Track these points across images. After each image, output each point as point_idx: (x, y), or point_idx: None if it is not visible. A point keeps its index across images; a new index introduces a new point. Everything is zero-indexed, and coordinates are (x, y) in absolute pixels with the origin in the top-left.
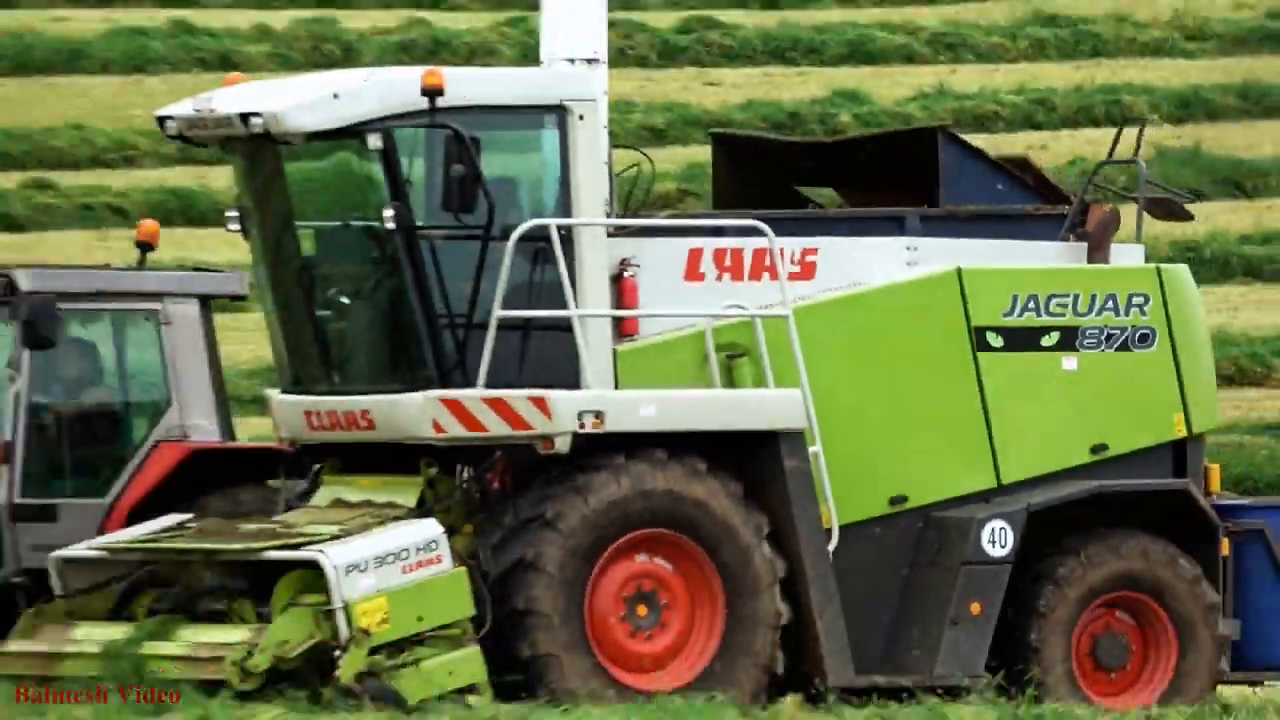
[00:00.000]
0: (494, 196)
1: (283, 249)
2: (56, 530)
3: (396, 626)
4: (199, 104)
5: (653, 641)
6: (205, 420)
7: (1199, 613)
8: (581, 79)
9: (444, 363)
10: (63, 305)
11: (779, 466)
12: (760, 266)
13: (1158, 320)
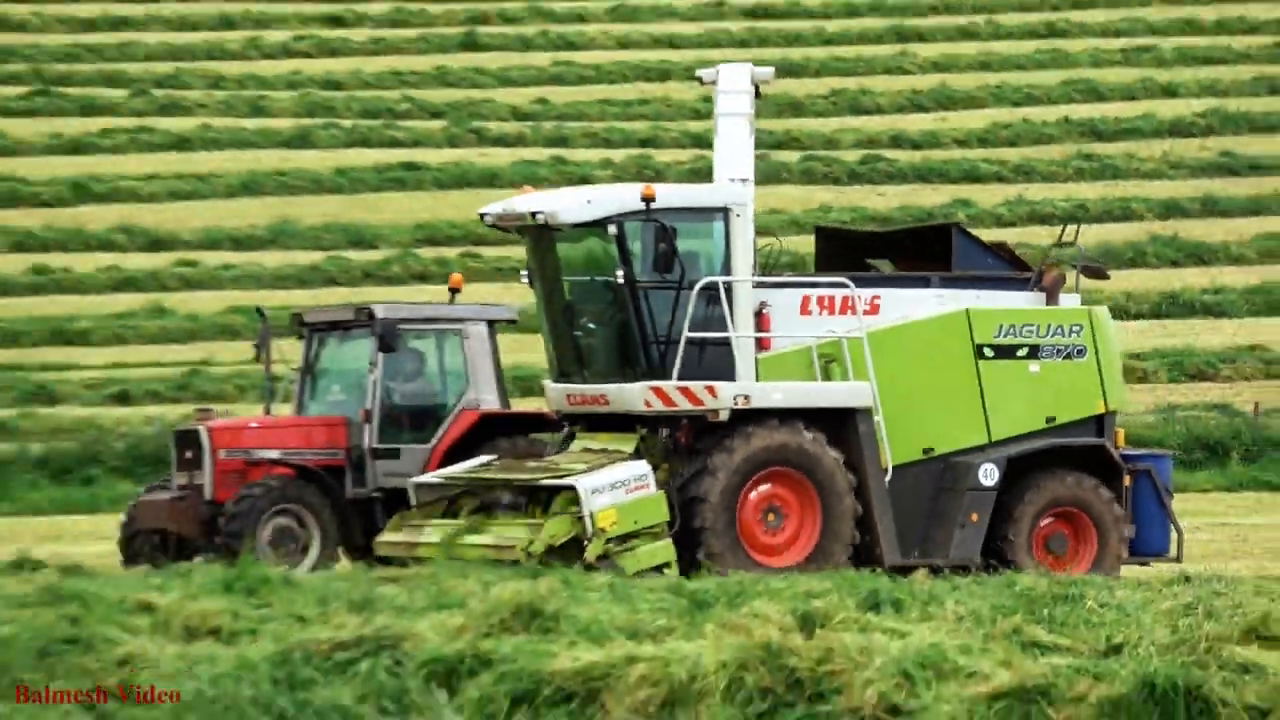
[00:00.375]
0: (684, 263)
1: (554, 294)
2: (398, 464)
3: (621, 526)
4: (506, 205)
5: (778, 536)
6: (490, 397)
7: (1111, 521)
8: (738, 191)
9: (652, 365)
10: (403, 327)
11: (855, 429)
12: (845, 306)
13: (1088, 341)
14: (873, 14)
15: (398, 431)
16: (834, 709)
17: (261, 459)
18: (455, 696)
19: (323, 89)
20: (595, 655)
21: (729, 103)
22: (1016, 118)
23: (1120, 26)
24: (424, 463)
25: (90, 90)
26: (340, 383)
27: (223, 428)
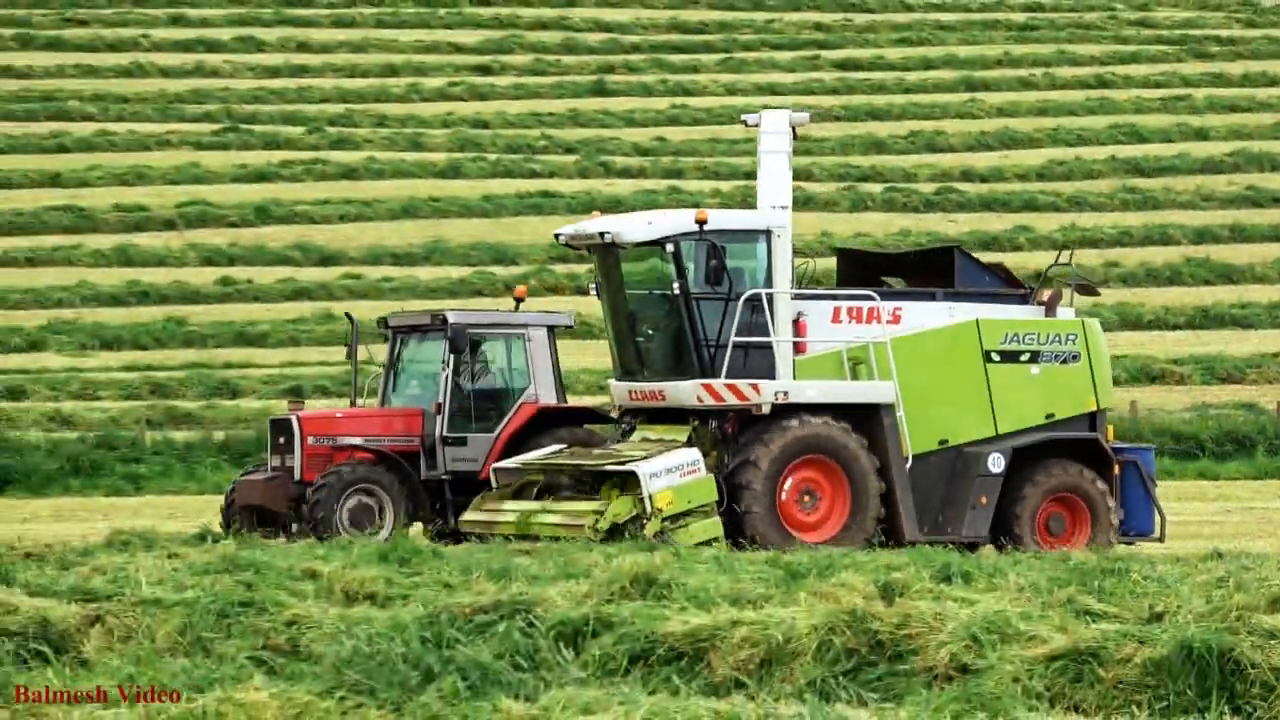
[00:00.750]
0: (731, 277)
1: (618, 304)
2: (466, 451)
3: (676, 506)
4: (577, 227)
5: (813, 514)
6: (548, 392)
7: (1103, 505)
8: (779, 215)
9: (703, 365)
10: (471, 331)
11: (880, 422)
12: (871, 316)
13: (1081, 348)
14: (946, 67)
15: (466, 422)
16: (911, 668)
17: (345, 444)
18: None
19: (472, 127)
20: (702, 619)
21: (770, 142)
22: (1070, 156)
23: (1159, 79)
24: (489, 450)
25: (273, 127)
26: (418, 379)
27: (311, 417)
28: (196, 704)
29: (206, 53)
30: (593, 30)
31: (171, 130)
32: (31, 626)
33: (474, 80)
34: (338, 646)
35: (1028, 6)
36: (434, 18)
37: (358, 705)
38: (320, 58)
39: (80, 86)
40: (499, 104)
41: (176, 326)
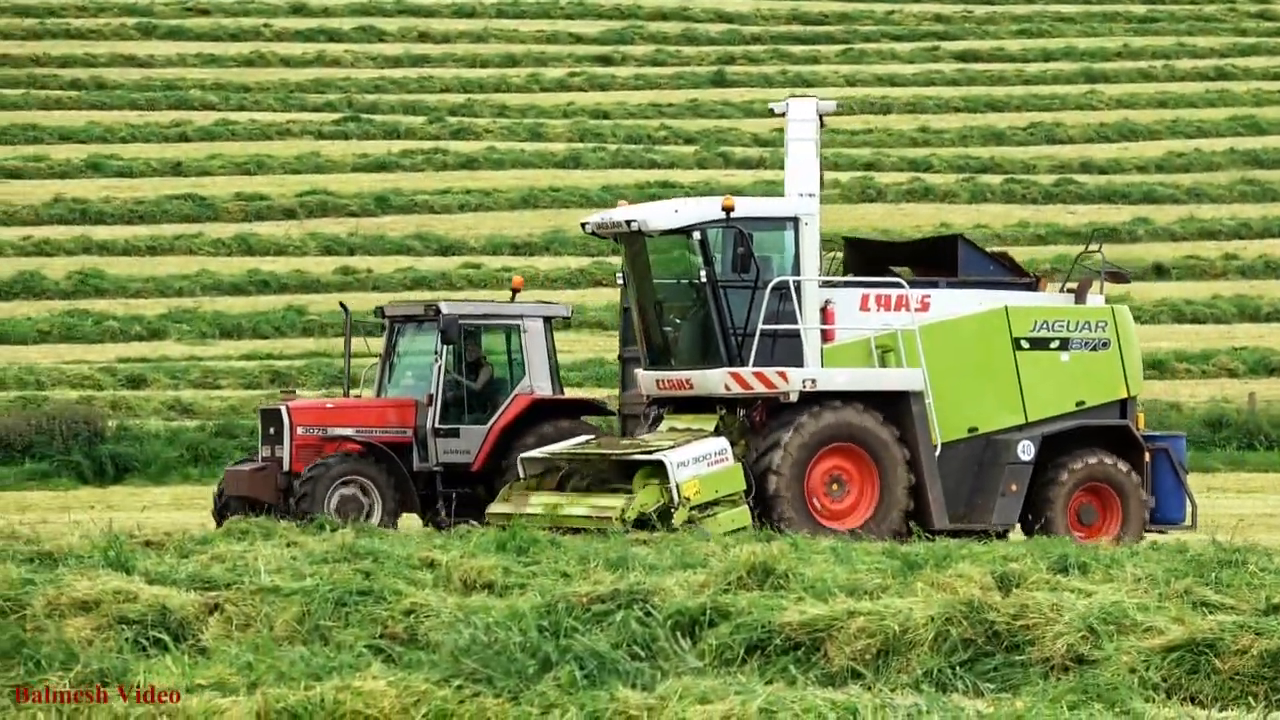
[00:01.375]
0: (759, 264)
1: (646, 293)
2: (458, 443)
3: (704, 495)
4: (604, 215)
5: (841, 502)
6: (543, 384)
7: (1133, 493)
8: (806, 203)
9: (731, 353)
10: (464, 322)
11: (909, 409)
12: (900, 304)
13: (1111, 335)
14: (1065, 58)
15: (458, 414)
16: (1028, 658)
17: (336, 435)
18: (697, 644)
19: (592, 118)
20: (820, 609)
21: (798, 130)
22: (1189, 148)
23: (1279, 71)
24: (481, 442)
25: (393, 117)
26: (412, 369)
27: (301, 407)
28: (315, 692)
29: (328, 42)
30: (713, 21)
31: (292, 120)
32: (151, 614)
33: (594, 70)
34: (455, 635)
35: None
36: (555, 8)
37: (475, 694)
38: (441, 48)
39: (202, 76)
40: (619, 94)
41: (296, 315)
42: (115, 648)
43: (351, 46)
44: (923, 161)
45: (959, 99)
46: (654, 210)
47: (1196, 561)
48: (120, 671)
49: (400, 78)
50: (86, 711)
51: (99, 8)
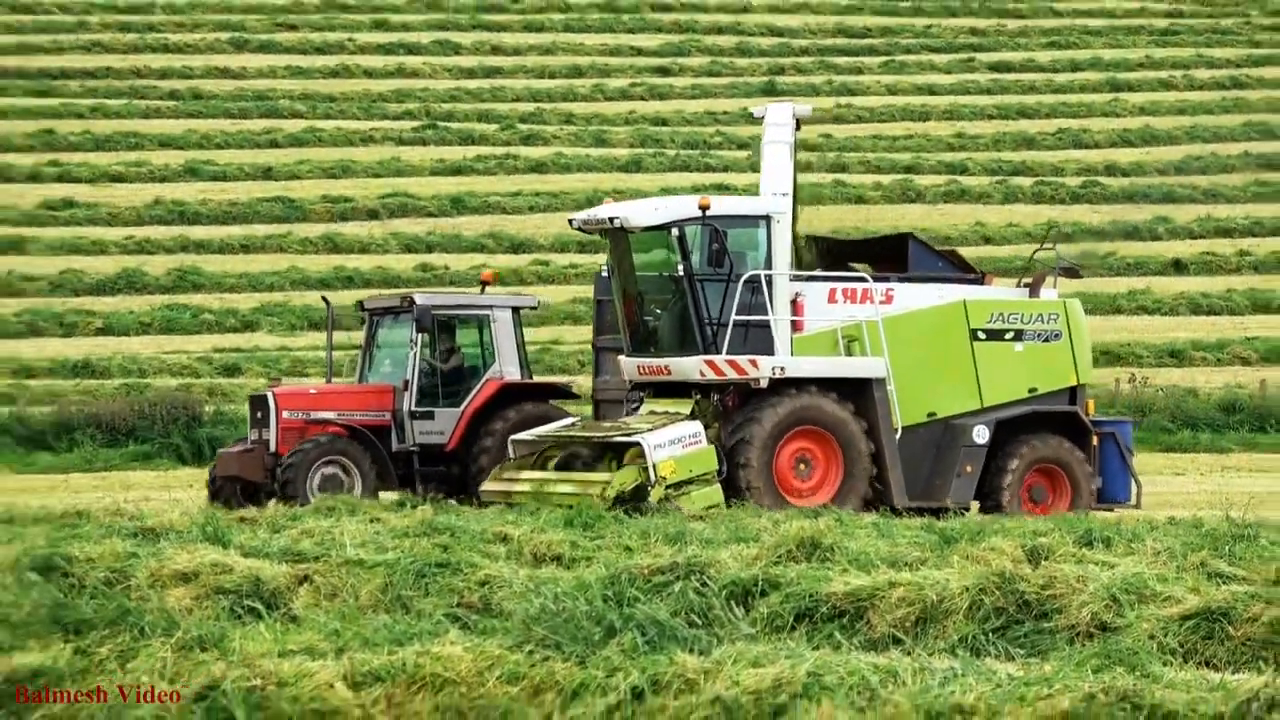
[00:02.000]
0: (732, 259)
1: (628, 285)
2: (433, 425)
3: (679, 474)
4: (590, 213)
5: (807, 481)
6: (513, 369)
7: (1082, 474)
8: (779, 201)
9: (706, 342)
10: (436, 312)
11: (871, 395)
12: (865, 297)
13: (1063, 326)
14: (1091, 69)
15: (433, 398)
16: (1055, 626)
17: (319, 419)
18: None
19: (652, 125)
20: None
21: (774, 133)
22: (1206, 152)
23: None
24: (454, 424)
25: (468, 124)
26: (390, 357)
27: (286, 393)
28: (397, 656)
29: (407, 55)
30: (764, 34)
31: (375, 127)
32: (245, 585)
33: (654, 81)
34: (527, 604)
35: (1168, 13)
36: (617, 22)
37: (545, 658)
38: (512, 60)
39: (291, 87)
40: (677, 103)
41: None
42: (213, 616)
43: (429, 59)
44: (959, 165)
45: (993, 107)
46: (636, 208)
47: (1211, 536)
48: (217, 638)
49: (474, 88)
50: (188, 672)
51: (195, 24)
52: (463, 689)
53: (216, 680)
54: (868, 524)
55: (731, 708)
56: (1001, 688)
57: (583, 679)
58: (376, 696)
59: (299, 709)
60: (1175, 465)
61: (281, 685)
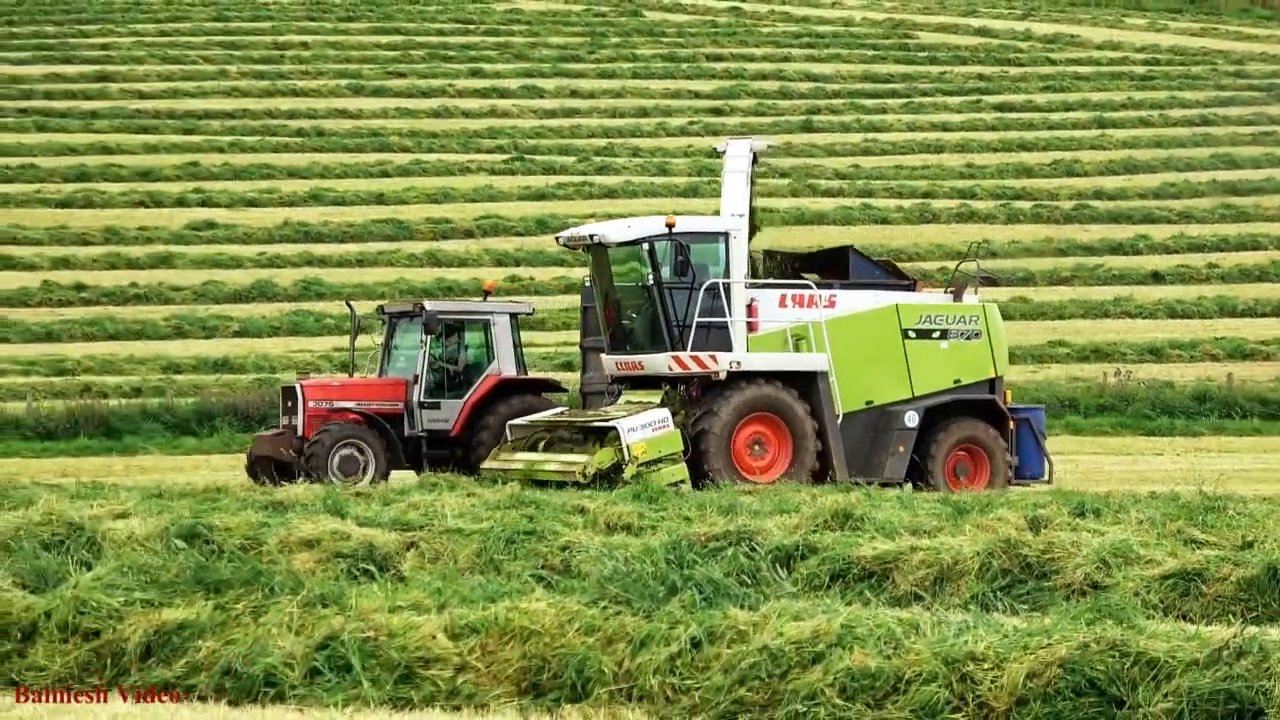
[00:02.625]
0: (695, 270)
1: (607, 294)
2: (439, 414)
3: (649, 454)
4: (572, 231)
5: (761, 460)
6: (509, 368)
7: (999, 454)
8: (736, 221)
9: (673, 341)
10: (442, 317)
11: (816, 386)
12: (810, 301)
13: (983, 327)
14: (1081, 109)
15: (439, 390)
16: (1053, 585)
17: (340, 408)
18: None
19: (706, 157)
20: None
21: (734, 163)
22: (1180, 180)
23: (1251, 119)
24: (458, 413)
25: (550, 157)
26: (405, 355)
27: (313, 384)
28: (490, 611)
29: (499, 99)
30: (802, 80)
31: (471, 160)
32: (361, 550)
33: (708, 120)
34: (601, 566)
35: (1146, 61)
36: (677, 70)
37: (616, 613)
38: (588, 102)
39: (399, 125)
40: (728, 138)
41: None
42: (333, 576)
43: (518, 102)
44: (969, 191)
45: (997, 141)
46: (612, 227)
47: (1187, 507)
48: (337, 595)
49: (556, 126)
50: (312, 624)
51: (319, 72)
52: (546, 639)
53: (336, 632)
54: (891, 498)
55: (776, 655)
56: (1008, 638)
57: (649, 630)
58: (472, 646)
59: (406, 656)
60: (1155, 447)
61: (391, 636)
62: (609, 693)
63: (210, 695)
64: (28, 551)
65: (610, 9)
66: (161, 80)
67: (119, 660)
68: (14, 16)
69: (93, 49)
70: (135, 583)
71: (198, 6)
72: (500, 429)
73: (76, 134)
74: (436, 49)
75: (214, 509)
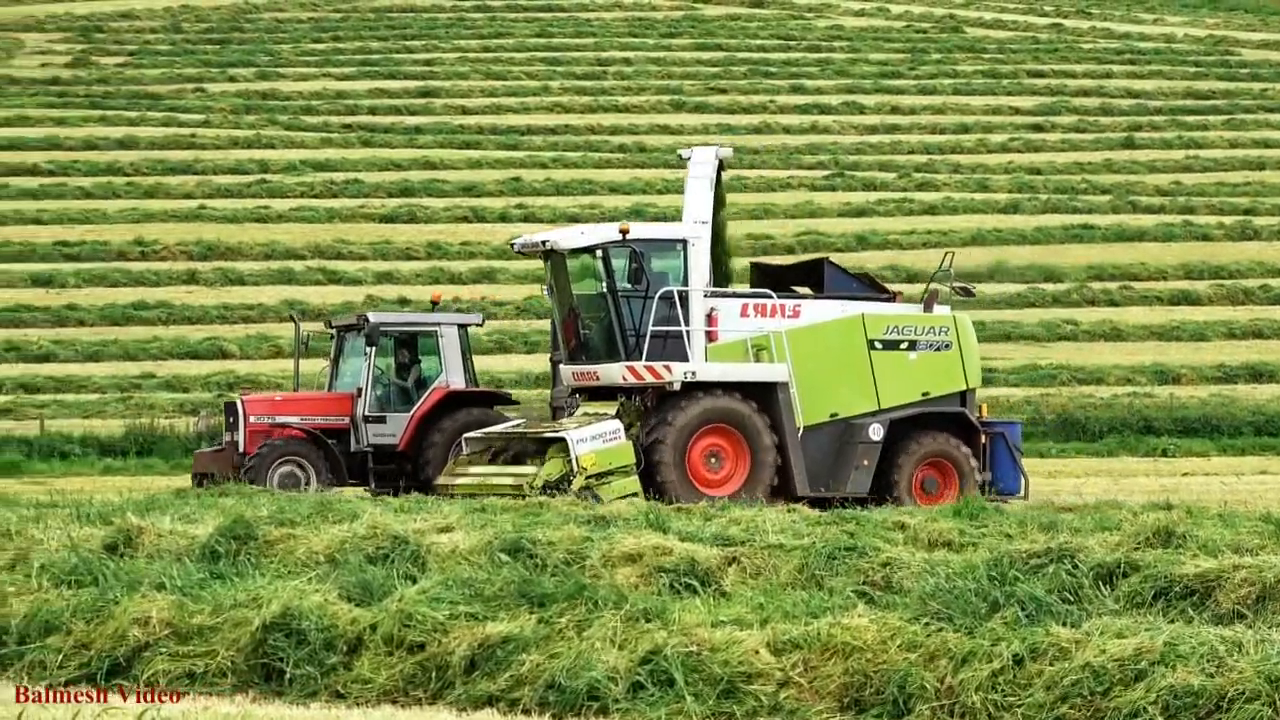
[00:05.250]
0: (650, 278)
1: (565, 302)
2: (385, 428)
3: (600, 466)
4: (527, 237)
5: (717, 473)
6: (458, 379)
7: (969, 468)
8: (697, 228)
9: (628, 350)
10: (385, 329)
11: (775, 397)
12: (775, 311)
13: (954, 338)
14: None
15: (385, 404)
16: None
17: (283, 423)
18: (1113, 591)
19: (1027, 173)
20: (1210, 564)
21: (697, 170)
22: None
23: None
24: (404, 426)
25: (870, 173)
26: (351, 368)
27: (254, 400)
28: (812, 627)
29: (819, 115)
30: (1123, 96)
31: (791, 175)
32: (683, 565)
33: (1029, 136)
34: (923, 583)
35: None
36: (998, 86)
37: (938, 629)
38: (908, 118)
39: (720, 141)
40: (1049, 155)
41: None
42: (655, 591)
43: (838, 118)
44: None
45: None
46: (565, 233)
47: None
48: (660, 610)
49: (876, 142)
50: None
51: (640, 88)
52: (868, 655)
53: (659, 646)
54: (1214, 515)
55: (1099, 672)
56: None
57: (971, 647)
58: (794, 661)
59: (729, 671)
60: None
61: (714, 651)
62: (931, 709)
63: (534, 709)
64: (354, 565)
65: (931, 25)
66: (485, 96)
67: (443, 673)
68: (340, 33)
69: (417, 64)
70: (460, 596)
71: (521, 23)
72: (449, 443)
73: (400, 149)
74: (757, 65)
75: (536, 523)
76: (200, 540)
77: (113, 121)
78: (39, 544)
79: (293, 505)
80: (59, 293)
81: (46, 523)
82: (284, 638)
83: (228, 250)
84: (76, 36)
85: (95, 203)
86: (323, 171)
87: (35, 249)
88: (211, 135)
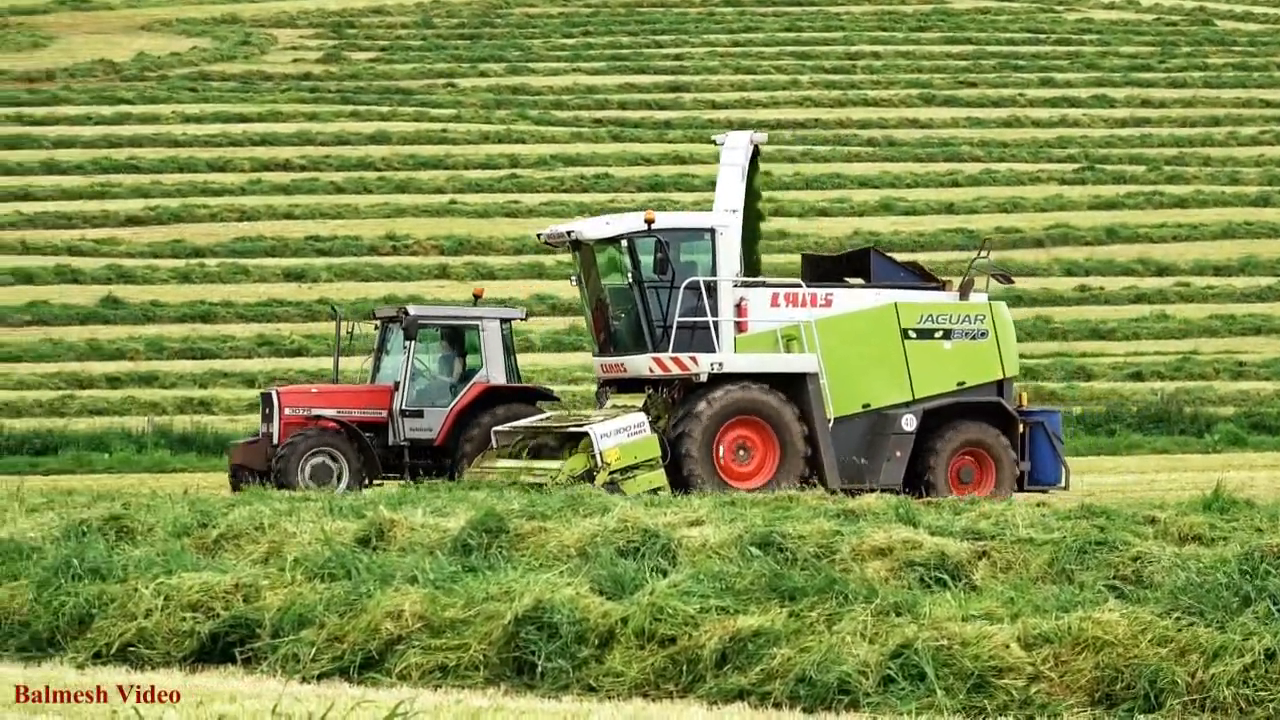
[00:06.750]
0: (677, 268)
1: (593, 293)
2: (422, 422)
3: (624, 460)
4: (552, 228)
5: (746, 466)
6: (498, 374)
7: (1006, 458)
8: (726, 216)
9: (654, 341)
10: (424, 322)
11: (805, 388)
12: (804, 301)
13: (990, 326)
14: None
15: (423, 398)
16: None
17: (319, 415)
18: None
19: (1278, 166)
20: None
21: (729, 156)
22: None
23: None
24: (442, 421)
25: (1120, 167)
26: (393, 362)
27: (289, 391)
28: (1063, 621)
29: (1069, 108)
30: None
31: (1041, 169)
32: (933, 559)
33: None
34: (1174, 577)
35: None
36: (1249, 79)
37: (1190, 624)
38: (1158, 112)
39: (970, 135)
40: None
41: (1045, 324)
42: (905, 585)
43: (1088, 111)
44: None
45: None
46: (590, 223)
47: None
48: (910, 604)
49: (1126, 135)
50: (885, 632)
51: (890, 82)
52: (1119, 649)
53: (909, 640)
54: None
55: None
56: None
57: (1222, 642)
58: (1045, 655)
59: (979, 665)
60: None
61: (964, 645)
62: (1182, 704)
63: (784, 702)
64: (605, 558)
65: (1181, 18)
66: (734, 90)
67: (694, 667)
68: (590, 27)
69: (666, 59)
70: (711, 590)
71: (770, 17)
72: (485, 438)
73: (650, 144)
74: (1007, 58)
75: (786, 517)
76: (452, 533)
77: (364, 117)
78: (292, 538)
79: (543, 499)
80: (311, 287)
81: (300, 516)
82: (536, 631)
83: (479, 245)
84: (328, 32)
85: (347, 198)
86: (573, 166)
87: (288, 244)
88: (462, 130)
